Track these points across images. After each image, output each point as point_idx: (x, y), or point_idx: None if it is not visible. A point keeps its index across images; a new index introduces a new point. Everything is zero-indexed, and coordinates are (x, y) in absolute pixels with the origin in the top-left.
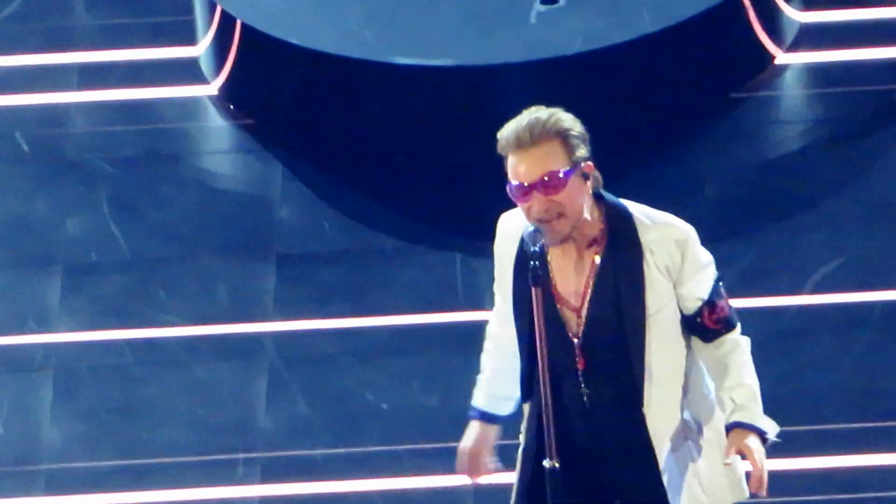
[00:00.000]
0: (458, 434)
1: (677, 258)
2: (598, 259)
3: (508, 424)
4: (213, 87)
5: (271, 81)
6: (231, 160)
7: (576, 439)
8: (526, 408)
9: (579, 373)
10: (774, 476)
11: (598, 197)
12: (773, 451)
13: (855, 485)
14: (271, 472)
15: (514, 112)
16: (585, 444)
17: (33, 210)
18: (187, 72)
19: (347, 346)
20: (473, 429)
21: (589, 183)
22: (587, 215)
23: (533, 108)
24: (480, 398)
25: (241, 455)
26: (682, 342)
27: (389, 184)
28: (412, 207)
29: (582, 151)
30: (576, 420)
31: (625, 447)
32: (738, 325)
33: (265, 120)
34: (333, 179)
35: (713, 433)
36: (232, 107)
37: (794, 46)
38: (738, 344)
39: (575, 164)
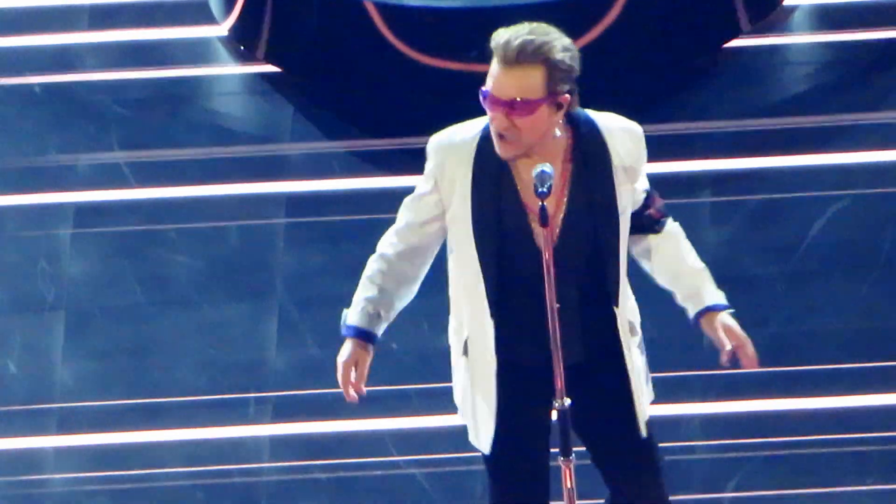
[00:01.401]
0: None
1: (635, 155)
2: (569, 171)
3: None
4: (223, 28)
5: (282, 23)
6: (241, 101)
7: (540, 349)
8: (485, 327)
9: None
10: (782, 415)
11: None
12: (781, 391)
13: (863, 425)
14: (282, 412)
15: None
16: (549, 353)
17: (45, 150)
18: (198, 13)
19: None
20: (353, 345)
21: (561, 112)
22: (556, 133)
23: (535, 25)
24: (360, 318)
25: (253, 394)
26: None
27: (398, 124)
28: (421, 148)
29: (562, 85)
30: (541, 330)
31: (594, 349)
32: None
33: (275, 61)
34: (343, 120)
35: (637, 332)
36: (242, 48)
37: None
38: (679, 231)
39: (549, 94)
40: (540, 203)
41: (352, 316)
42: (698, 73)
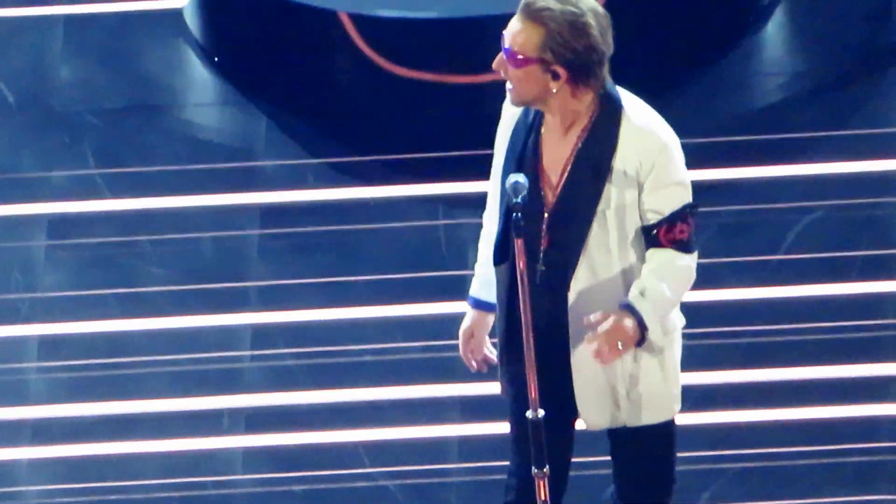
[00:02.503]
0: (441, 386)
1: (647, 165)
2: (580, 143)
3: None
4: (197, 39)
5: (256, 33)
6: (215, 112)
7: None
8: (493, 272)
9: (541, 249)
10: (754, 428)
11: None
12: (755, 402)
13: (839, 436)
14: (255, 423)
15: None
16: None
17: (19, 161)
18: (172, 23)
19: (331, 298)
20: (469, 314)
21: (558, 82)
22: (573, 105)
23: None
24: (475, 286)
25: (226, 406)
26: (633, 250)
27: (372, 137)
28: (395, 161)
29: (557, 56)
30: (530, 293)
31: (549, 329)
32: (694, 254)
33: (249, 72)
34: (317, 132)
35: (657, 348)
36: (216, 59)
37: None
38: (679, 262)
39: (541, 59)
40: (514, 214)
41: (471, 286)
42: (670, 84)
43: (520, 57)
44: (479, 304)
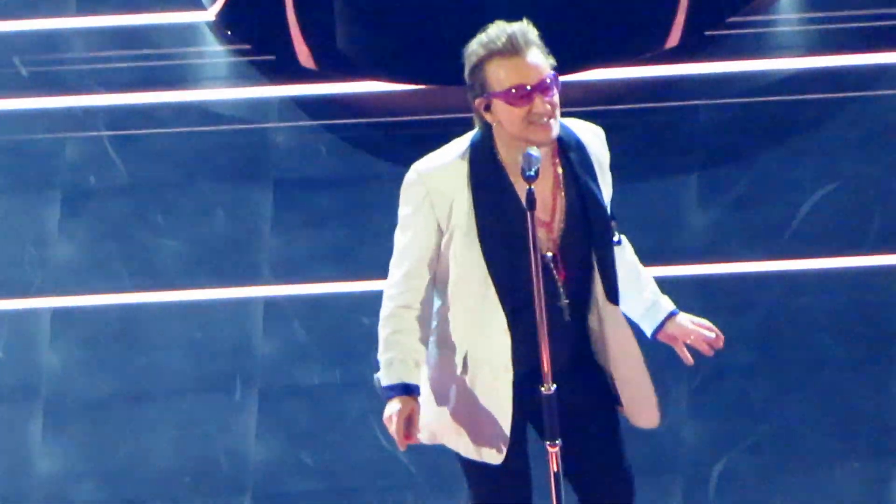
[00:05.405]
0: None
1: (604, 155)
2: (559, 170)
3: None
4: (210, 13)
5: (268, 7)
6: (228, 85)
7: (553, 354)
8: (494, 339)
9: (559, 285)
10: (767, 399)
11: None
12: (767, 374)
13: (847, 408)
14: (268, 397)
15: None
16: (559, 355)
17: (33, 135)
18: None
19: (344, 271)
20: (401, 401)
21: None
22: None
23: (499, 22)
24: (399, 373)
25: (239, 380)
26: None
27: (387, 110)
28: (408, 133)
29: (552, 60)
30: (554, 333)
31: (590, 347)
32: None
33: (262, 46)
34: (330, 105)
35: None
36: (229, 32)
37: None
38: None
39: (556, 70)
40: (528, 186)
41: (392, 374)
42: (683, 59)
43: (555, 76)
44: (415, 389)
